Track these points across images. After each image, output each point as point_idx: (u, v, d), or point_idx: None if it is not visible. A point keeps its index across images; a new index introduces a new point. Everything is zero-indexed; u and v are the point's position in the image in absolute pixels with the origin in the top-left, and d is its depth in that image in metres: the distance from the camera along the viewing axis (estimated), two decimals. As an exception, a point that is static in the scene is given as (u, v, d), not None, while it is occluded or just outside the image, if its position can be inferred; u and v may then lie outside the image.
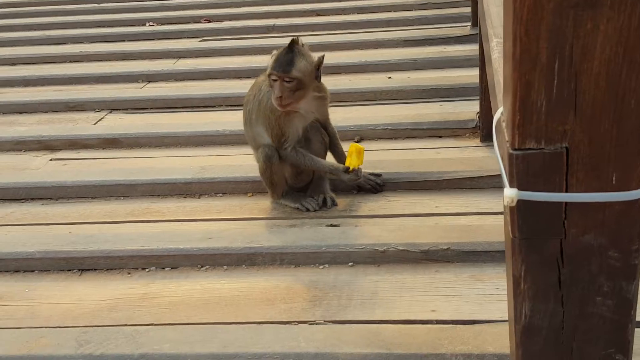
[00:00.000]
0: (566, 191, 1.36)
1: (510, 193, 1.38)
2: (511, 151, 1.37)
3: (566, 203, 1.37)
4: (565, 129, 1.30)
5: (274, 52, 2.93)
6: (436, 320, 2.31)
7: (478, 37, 3.38)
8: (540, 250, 1.46)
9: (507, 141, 1.40)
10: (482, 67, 3.34)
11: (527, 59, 1.27)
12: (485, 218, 2.86)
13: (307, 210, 2.99)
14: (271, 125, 2.93)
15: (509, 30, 1.36)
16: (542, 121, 1.30)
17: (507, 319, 2.23)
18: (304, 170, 3.05)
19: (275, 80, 2.82)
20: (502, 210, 2.83)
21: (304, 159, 2.98)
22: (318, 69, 2.92)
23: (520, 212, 1.42)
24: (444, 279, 2.53)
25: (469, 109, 3.85)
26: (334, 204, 3.03)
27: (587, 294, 1.45)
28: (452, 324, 2.27)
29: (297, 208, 3.01)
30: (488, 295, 2.42)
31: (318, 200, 3.02)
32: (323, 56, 2.96)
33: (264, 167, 2.99)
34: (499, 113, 1.53)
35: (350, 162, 2.99)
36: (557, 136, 1.32)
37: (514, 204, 1.40)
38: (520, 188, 1.39)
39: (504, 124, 1.47)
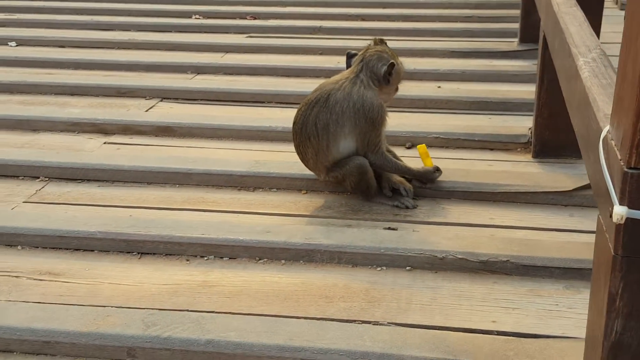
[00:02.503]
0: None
1: (619, 211, 1.42)
2: (625, 169, 1.40)
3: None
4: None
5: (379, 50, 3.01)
6: (497, 332, 2.33)
7: (538, 53, 3.40)
8: (642, 269, 1.49)
9: (621, 159, 1.43)
10: (540, 84, 3.37)
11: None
12: (542, 234, 2.89)
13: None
14: (369, 129, 2.96)
15: (630, 53, 1.39)
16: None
17: (569, 335, 2.28)
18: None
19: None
20: (559, 227, 2.89)
21: (391, 163, 3.03)
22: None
23: (627, 230, 1.45)
24: (502, 291, 2.56)
25: (519, 124, 3.88)
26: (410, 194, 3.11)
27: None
28: (514, 336, 2.30)
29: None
30: (548, 311, 2.44)
31: (409, 195, 3.09)
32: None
33: (357, 179, 3.02)
34: (606, 131, 1.56)
35: (428, 162, 3.14)
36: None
37: (622, 221, 1.43)
38: (630, 206, 1.42)
39: (612, 142, 1.50)
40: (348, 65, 3.10)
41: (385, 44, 3.12)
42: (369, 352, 2.18)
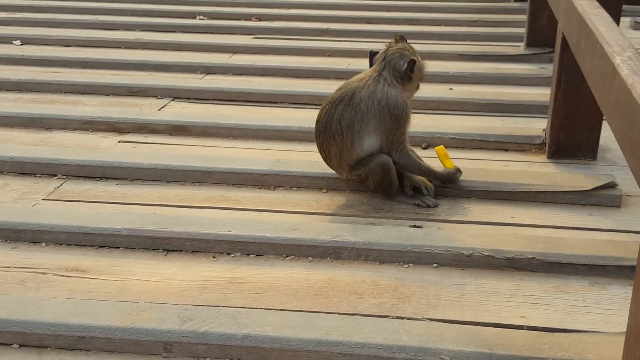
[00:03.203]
0: None
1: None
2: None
3: None
4: None
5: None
6: (527, 327, 2.36)
7: (556, 55, 3.44)
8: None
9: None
10: (557, 85, 3.40)
11: None
12: (564, 232, 2.92)
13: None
14: (394, 126, 2.97)
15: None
16: None
17: (599, 330, 2.30)
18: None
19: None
20: (579, 225, 2.94)
21: (415, 163, 3.05)
22: None
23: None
24: (529, 287, 2.58)
25: (532, 125, 3.92)
26: (431, 193, 3.14)
27: None
28: (544, 331, 2.32)
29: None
30: (575, 307, 2.47)
31: (430, 194, 3.12)
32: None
33: (381, 177, 3.04)
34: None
35: (449, 163, 3.16)
36: None
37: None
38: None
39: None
40: (371, 64, 3.11)
41: (406, 40, 3.15)
42: (406, 346, 2.19)
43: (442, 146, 3.27)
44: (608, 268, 2.64)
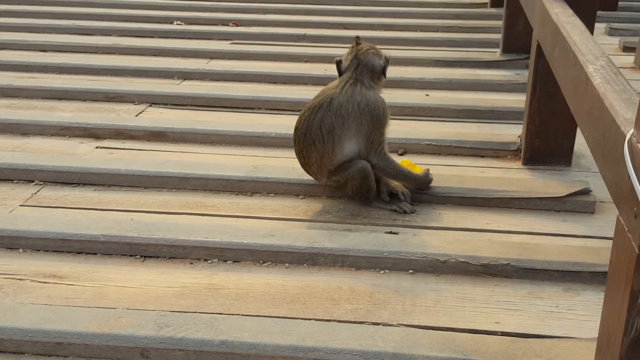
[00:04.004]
0: None
1: (649, 211, 1.47)
2: (656, 170, 1.46)
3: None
4: None
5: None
6: (501, 332, 2.39)
7: (531, 62, 3.48)
8: (666, 267, 1.54)
9: (650, 162, 1.48)
10: (532, 92, 3.43)
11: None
12: (538, 238, 2.95)
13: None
14: (374, 127, 3.00)
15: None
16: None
17: (572, 336, 2.34)
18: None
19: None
20: (554, 231, 2.96)
21: (393, 165, 3.08)
22: None
23: (654, 230, 1.51)
24: (503, 293, 2.61)
25: (507, 132, 3.96)
26: (408, 199, 3.16)
27: None
28: (518, 336, 2.35)
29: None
30: (549, 313, 2.50)
31: (407, 199, 3.14)
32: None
33: (359, 183, 3.07)
34: (630, 134, 1.61)
35: (417, 169, 3.20)
36: None
37: (651, 221, 1.48)
38: (659, 206, 1.47)
39: (639, 145, 1.56)
40: (340, 72, 3.13)
41: (362, 40, 3.17)
42: (382, 352, 2.21)
43: (405, 159, 3.32)
44: (581, 274, 2.68)
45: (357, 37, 3.17)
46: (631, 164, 1.57)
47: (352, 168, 3.04)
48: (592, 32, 3.21)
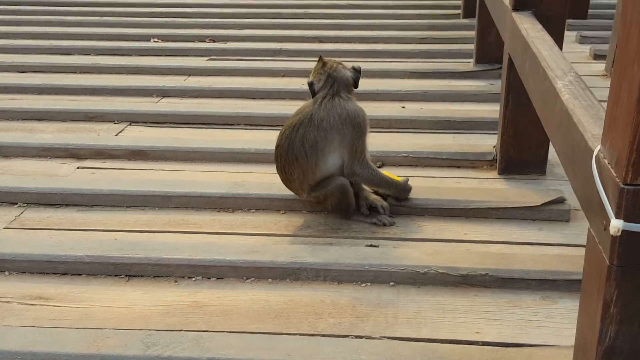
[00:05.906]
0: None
1: (617, 224, 1.54)
2: (622, 186, 1.52)
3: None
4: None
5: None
6: (482, 342, 2.44)
7: (503, 74, 3.55)
8: (635, 277, 1.61)
9: (616, 176, 1.55)
10: (505, 103, 3.50)
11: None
12: (515, 247, 3.02)
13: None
14: (356, 136, 3.07)
15: (625, 78, 1.52)
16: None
17: (550, 344, 2.40)
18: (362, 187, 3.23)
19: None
20: (530, 240, 3.03)
21: (376, 172, 3.14)
22: None
23: (623, 242, 1.57)
24: (483, 303, 2.67)
25: (482, 142, 4.03)
26: (387, 212, 3.22)
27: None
28: (498, 346, 2.41)
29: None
30: (527, 321, 2.56)
31: (386, 212, 3.20)
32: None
33: (339, 199, 3.13)
34: (597, 150, 1.68)
35: (396, 178, 3.25)
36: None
37: (619, 234, 1.55)
38: (626, 220, 1.54)
39: (605, 160, 1.62)
40: (313, 93, 3.18)
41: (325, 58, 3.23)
42: (365, 365, 2.27)
43: (384, 171, 3.37)
44: (558, 282, 2.74)
45: (320, 57, 3.23)
46: (599, 179, 1.63)
47: (331, 185, 3.10)
48: (562, 41, 3.30)
